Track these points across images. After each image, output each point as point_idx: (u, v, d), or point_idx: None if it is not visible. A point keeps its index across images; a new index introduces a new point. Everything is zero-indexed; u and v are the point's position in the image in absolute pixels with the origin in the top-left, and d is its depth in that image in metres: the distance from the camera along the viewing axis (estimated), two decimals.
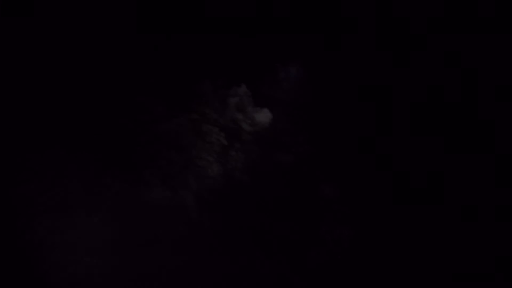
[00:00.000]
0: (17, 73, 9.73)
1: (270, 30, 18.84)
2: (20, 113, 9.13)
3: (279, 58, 19.31)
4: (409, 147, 15.09)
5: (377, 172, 13.21)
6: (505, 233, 10.22)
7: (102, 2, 11.08)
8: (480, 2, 13.29)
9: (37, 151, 8.32)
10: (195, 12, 16.89)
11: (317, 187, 11.65)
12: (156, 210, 8.25)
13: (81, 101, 9.56)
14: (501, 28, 13.16)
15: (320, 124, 17.79)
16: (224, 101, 15.20)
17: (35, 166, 8.13)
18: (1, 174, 8.35)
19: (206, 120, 11.26)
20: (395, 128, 16.18)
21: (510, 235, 10.13)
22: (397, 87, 16.56)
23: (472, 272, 9.80)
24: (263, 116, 16.25)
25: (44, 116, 8.97)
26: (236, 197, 9.64)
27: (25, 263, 7.68)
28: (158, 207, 8.30)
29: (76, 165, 8.23)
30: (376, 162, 13.83)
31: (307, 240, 9.51)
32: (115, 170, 8.31)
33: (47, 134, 8.57)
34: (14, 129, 8.83)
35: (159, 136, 9.50)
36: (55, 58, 9.98)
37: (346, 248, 9.59)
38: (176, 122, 10.04)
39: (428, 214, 11.25)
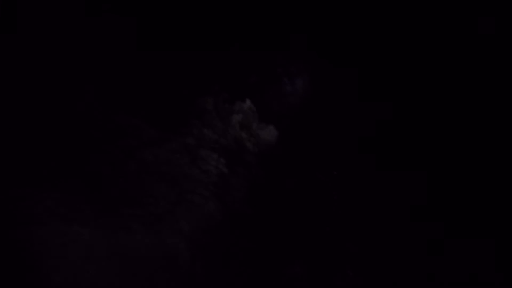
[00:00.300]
0: None
1: (275, 41, 17.44)
2: None
3: (284, 70, 17.60)
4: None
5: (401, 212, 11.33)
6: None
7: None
8: None
9: None
10: (194, 20, 15.19)
11: (331, 224, 9.77)
12: (138, 261, 6.40)
13: (45, 120, 7.68)
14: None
15: (329, 141, 15.97)
16: (227, 118, 13.39)
17: None
18: None
19: (204, 143, 9.42)
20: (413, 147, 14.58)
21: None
22: (409, 100, 15.24)
23: None
24: (269, 133, 14.41)
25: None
26: (236, 239, 7.77)
27: None
28: (141, 258, 6.45)
29: (40, 205, 6.39)
30: (399, 196, 11.96)
31: None
32: (86, 212, 6.46)
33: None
34: None
35: (146, 165, 7.65)
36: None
37: None
38: (169, 147, 8.19)
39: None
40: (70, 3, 9.18)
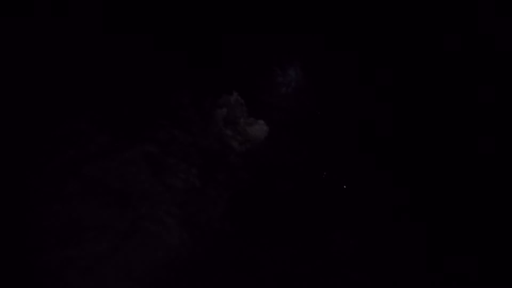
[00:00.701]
0: None
1: (266, 29, 15.67)
2: None
3: (276, 60, 15.58)
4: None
5: (398, 208, 9.50)
6: None
7: None
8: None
9: None
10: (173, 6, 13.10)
11: (326, 236, 7.93)
12: None
13: None
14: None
15: (325, 136, 14.08)
16: (209, 114, 11.44)
17: None
18: None
19: (173, 148, 7.51)
20: (410, 136, 12.89)
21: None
22: (404, 90, 13.77)
23: None
24: (258, 129, 12.46)
25: None
26: (212, 272, 5.92)
27: None
28: None
29: None
30: (397, 191, 10.14)
31: None
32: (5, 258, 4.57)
33: None
34: None
35: (92, 185, 5.76)
36: None
37: None
38: (122, 158, 6.27)
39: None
40: None
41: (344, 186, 10.07)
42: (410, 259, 7.20)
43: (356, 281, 6.59)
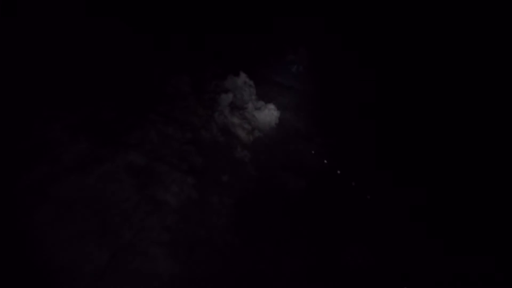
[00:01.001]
0: None
1: (274, 11, 14.66)
2: None
3: (286, 39, 14.03)
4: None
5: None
6: None
7: None
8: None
9: None
10: None
11: (341, 249, 6.68)
12: None
13: None
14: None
15: (339, 117, 12.66)
16: (212, 101, 10.15)
17: None
18: None
19: (165, 152, 6.30)
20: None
21: None
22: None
23: None
24: (268, 115, 11.12)
25: None
26: None
27: None
28: None
29: None
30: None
31: None
32: None
33: None
34: None
35: (64, 208, 4.67)
36: None
37: None
38: (102, 172, 5.12)
39: None
40: None
41: (358, 186, 8.69)
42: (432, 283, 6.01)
43: None
